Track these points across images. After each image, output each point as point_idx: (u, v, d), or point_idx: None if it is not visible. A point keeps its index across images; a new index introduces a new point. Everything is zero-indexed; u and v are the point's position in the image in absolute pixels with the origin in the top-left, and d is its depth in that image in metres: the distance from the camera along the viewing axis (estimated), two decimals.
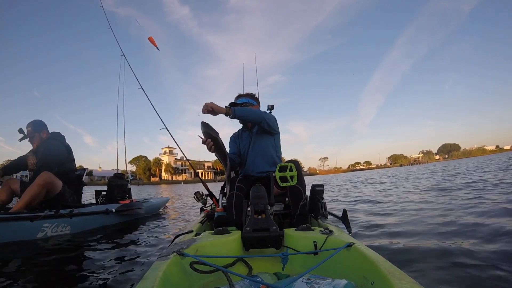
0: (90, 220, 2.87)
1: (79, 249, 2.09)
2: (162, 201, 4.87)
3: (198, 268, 0.79)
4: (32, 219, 2.30)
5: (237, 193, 1.55)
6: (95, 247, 2.11)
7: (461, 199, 3.31)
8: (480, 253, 1.45)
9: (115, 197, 3.62)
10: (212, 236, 1.08)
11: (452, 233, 1.89)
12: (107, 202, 3.50)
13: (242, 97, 1.95)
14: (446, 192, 4.21)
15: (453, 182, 5.58)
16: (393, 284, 0.63)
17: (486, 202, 2.85)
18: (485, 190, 3.81)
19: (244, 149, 1.91)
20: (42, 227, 2.39)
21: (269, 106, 2.41)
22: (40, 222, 2.37)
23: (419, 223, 2.30)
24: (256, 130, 1.88)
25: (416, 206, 3.21)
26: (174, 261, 0.81)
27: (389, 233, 2.09)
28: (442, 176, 7.91)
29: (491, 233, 1.76)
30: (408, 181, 7.70)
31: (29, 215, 2.32)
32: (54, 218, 2.47)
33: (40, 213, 2.37)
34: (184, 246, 0.94)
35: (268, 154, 1.85)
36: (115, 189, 3.69)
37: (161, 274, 0.70)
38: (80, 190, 3.14)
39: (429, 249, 1.59)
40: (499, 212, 2.33)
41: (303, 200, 1.52)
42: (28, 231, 2.31)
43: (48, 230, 2.43)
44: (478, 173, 7.30)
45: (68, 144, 3.00)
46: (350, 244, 0.89)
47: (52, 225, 2.46)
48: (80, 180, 3.13)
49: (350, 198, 4.95)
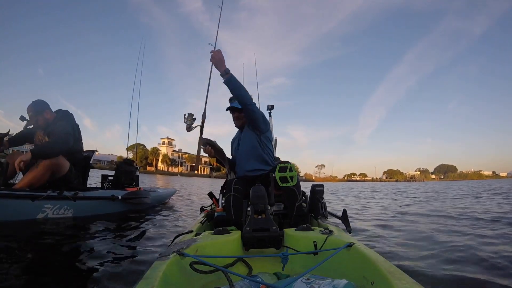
0: (95, 205, 2.74)
1: (79, 235, 2.00)
2: (169, 192, 4.75)
3: (198, 268, 0.79)
4: (33, 198, 2.19)
5: (235, 194, 1.56)
6: (97, 236, 2.03)
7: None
8: (481, 253, 1.45)
9: (122, 183, 3.49)
10: (212, 236, 1.08)
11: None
12: (114, 188, 3.38)
13: (234, 100, 1.87)
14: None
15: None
16: (393, 284, 0.63)
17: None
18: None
19: (235, 150, 1.92)
20: (44, 207, 2.28)
21: (269, 106, 2.40)
22: (42, 202, 2.25)
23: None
24: (244, 130, 1.87)
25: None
26: (174, 261, 0.81)
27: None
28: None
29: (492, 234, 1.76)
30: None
31: (30, 193, 2.21)
32: (57, 200, 2.35)
33: (43, 193, 2.25)
34: (184, 246, 0.94)
35: (255, 152, 1.79)
36: (122, 175, 3.56)
37: (161, 274, 0.70)
38: (87, 173, 3.00)
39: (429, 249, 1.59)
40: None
41: (299, 201, 1.53)
42: (28, 211, 2.20)
43: (49, 211, 2.31)
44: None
45: (76, 123, 2.84)
46: (350, 244, 0.89)
47: (54, 206, 2.34)
48: (88, 162, 2.98)
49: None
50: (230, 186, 1.61)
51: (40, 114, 2.59)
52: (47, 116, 2.63)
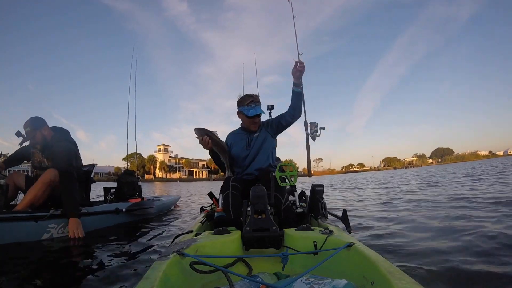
0: (99, 220, 2.70)
1: (85, 250, 1.99)
2: (173, 199, 4.72)
3: (198, 268, 0.79)
4: (36, 219, 2.12)
5: (233, 192, 1.56)
6: (102, 248, 2.01)
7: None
8: (481, 252, 1.45)
9: (124, 194, 3.45)
10: (212, 236, 1.08)
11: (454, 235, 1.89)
12: (117, 200, 3.33)
13: (258, 104, 1.86)
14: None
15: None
16: (393, 284, 0.63)
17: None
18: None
19: (240, 147, 1.91)
20: (48, 227, 2.21)
21: (269, 106, 2.40)
22: (46, 223, 2.18)
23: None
24: (261, 131, 1.90)
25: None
26: (174, 261, 0.81)
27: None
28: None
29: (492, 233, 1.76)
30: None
31: (33, 214, 2.15)
32: (61, 218, 2.28)
33: (45, 213, 2.18)
34: (184, 246, 0.94)
35: (270, 156, 1.89)
36: (125, 186, 3.51)
37: (161, 274, 0.70)
38: (89, 188, 2.95)
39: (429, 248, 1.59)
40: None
41: (283, 205, 1.55)
42: (32, 232, 2.14)
43: (54, 231, 2.25)
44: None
45: (73, 140, 2.80)
46: (350, 244, 0.89)
47: (58, 225, 2.27)
48: (89, 177, 2.93)
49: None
50: (228, 184, 1.62)
51: (38, 130, 2.53)
52: (44, 133, 2.57)
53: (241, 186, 1.65)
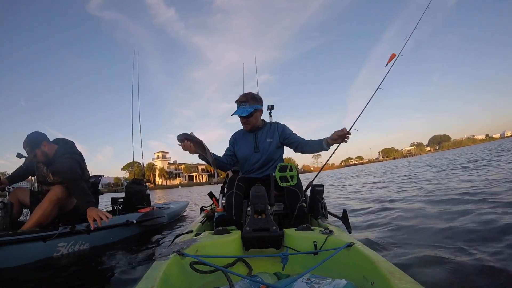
0: (110, 234, 2.57)
1: (95, 265, 1.92)
2: (182, 205, 4.62)
3: (198, 268, 0.79)
4: (45, 239, 2.01)
5: (237, 192, 1.55)
6: (113, 262, 1.95)
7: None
8: (480, 251, 1.45)
9: (133, 204, 3.31)
10: (212, 236, 1.08)
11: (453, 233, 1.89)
12: (125, 210, 3.22)
13: (244, 104, 1.78)
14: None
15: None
16: (393, 284, 0.63)
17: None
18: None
19: (248, 149, 1.87)
20: (57, 247, 2.09)
21: (269, 106, 2.39)
22: (55, 242, 2.06)
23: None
24: (268, 133, 1.86)
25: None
26: (174, 261, 0.81)
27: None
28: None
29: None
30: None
31: (41, 234, 2.02)
32: (70, 236, 2.17)
33: (54, 232, 2.06)
34: (184, 246, 0.94)
35: (278, 160, 1.87)
36: (133, 196, 3.37)
37: (161, 274, 0.70)
38: (97, 199, 2.78)
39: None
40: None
41: (300, 202, 1.53)
42: (41, 253, 2.02)
43: (63, 250, 2.13)
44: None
45: (79, 151, 2.64)
46: (350, 244, 0.89)
47: (68, 244, 2.16)
48: (96, 189, 2.81)
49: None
50: (233, 184, 1.58)
51: (37, 147, 2.34)
52: (45, 149, 2.39)
53: (245, 185, 1.63)
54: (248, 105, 1.77)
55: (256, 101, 1.81)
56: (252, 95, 1.82)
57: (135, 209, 3.23)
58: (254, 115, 1.79)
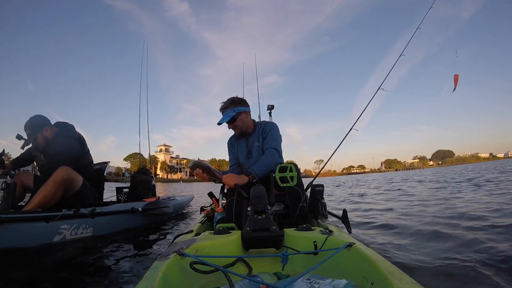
0: (114, 220, 2.54)
1: (100, 255, 1.88)
2: (187, 199, 4.64)
3: (198, 268, 0.79)
4: (47, 220, 1.96)
5: (238, 199, 1.54)
6: (108, 250, 1.95)
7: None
8: (481, 251, 1.45)
9: (138, 194, 3.29)
10: (212, 236, 1.08)
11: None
12: (130, 200, 3.19)
13: (226, 110, 1.78)
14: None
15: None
16: (393, 284, 0.63)
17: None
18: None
19: (243, 156, 1.87)
20: (60, 229, 2.05)
21: (269, 106, 2.39)
22: (58, 223, 2.02)
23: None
24: (259, 138, 1.82)
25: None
26: (174, 261, 0.81)
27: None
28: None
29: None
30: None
31: (44, 214, 1.98)
32: (74, 219, 2.13)
33: (57, 213, 2.01)
34: (184, 246, 0.94)
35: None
36: (138, 185, 3.35)
37: (161, 274, 0.70)
38: (102, 187, 2.77)
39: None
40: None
41: (302, 202, 1.52)
42: (43, 234, 1.98)
43: (66, 233, 2.09)
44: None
45: (80, 134, 2.55)
46: (350, 244, 0.89)
47: (71, 226, 2.11)
48: (102, 175, 2.77)
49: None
50: (234, 190, 1.57)
51: (39, 131, 2.29)
52: (46, 134, 2.32)
53: (245, 190, 1.63)
54: (230, 110, 1.76)
55: (236, 104, 1.78)
56: (232, 100, 1.81)
57: (140, 199, 3.20)
58: (238, 118, 1.77)
